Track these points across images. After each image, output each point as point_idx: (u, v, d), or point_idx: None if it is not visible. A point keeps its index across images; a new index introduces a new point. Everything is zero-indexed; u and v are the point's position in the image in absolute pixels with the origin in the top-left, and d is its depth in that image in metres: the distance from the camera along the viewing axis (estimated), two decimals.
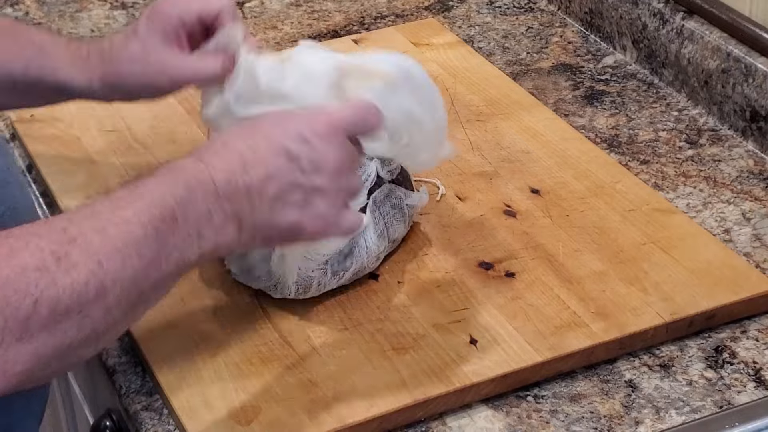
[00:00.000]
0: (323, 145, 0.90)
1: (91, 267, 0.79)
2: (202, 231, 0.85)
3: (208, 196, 0.86)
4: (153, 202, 0.84)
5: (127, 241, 0.81)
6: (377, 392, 0.96)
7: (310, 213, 0.90)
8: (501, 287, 1.07)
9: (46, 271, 0.77)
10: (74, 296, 0.78)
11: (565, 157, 1.23)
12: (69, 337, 0.78)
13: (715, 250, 1.11)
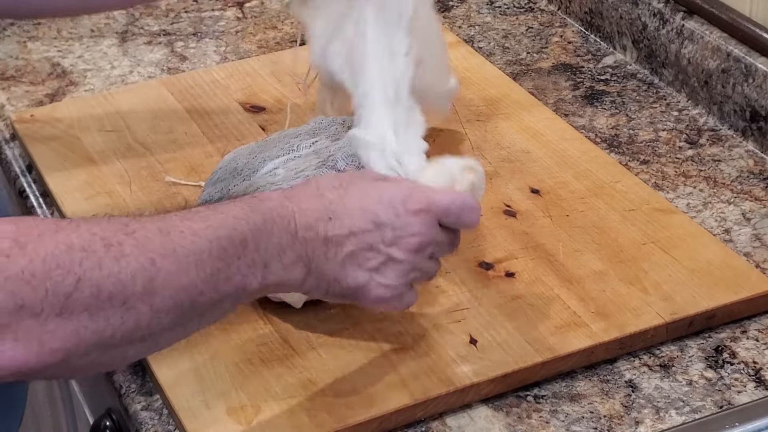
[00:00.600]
0: (411, 220, 0.91)
1: (142, 262, 0.78)
2: (269, 263, 0.86)
3: (285, 234, 0.87)
4: (226, 223, 0.84)
5: (188, 250, 0.81)
6: (377, 392, 0.96)
7: (378, 280, 0.91)
8: (501, 287, 1.07)
9: (92, 253, 0.76)
10: (119, 285, 0.77)
11: (565, 157, 1.23)
12: (111, 327, 0.77)
13: (715, 249, 1.11)
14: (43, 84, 1.42)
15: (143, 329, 0.80)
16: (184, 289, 0.81)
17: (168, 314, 0.80)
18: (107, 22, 1.55)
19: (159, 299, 0.79)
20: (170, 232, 0.81)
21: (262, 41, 1.50)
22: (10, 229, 0.75)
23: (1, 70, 1.44)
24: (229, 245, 0.83)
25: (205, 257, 0.82)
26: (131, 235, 0.79)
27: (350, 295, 0.92)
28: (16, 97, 1.39)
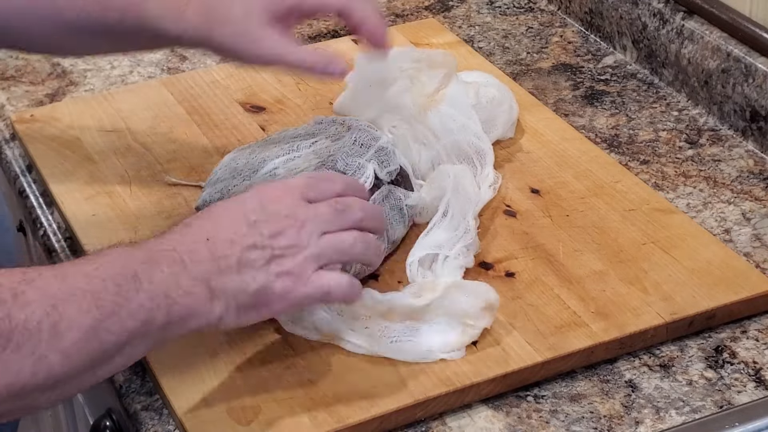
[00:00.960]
0: (275, 207, 0.92)
1: (45, 308, 0.80)
2: (169, 293, 0.86)
3: (172, 263, 0.87)
4: (115, 261, 0.85)
5: (85, 291, 0.82)
6: (377, 392, 0.96)
7: (275, 271, 0.91)
8: (501, 287, 1.06)
9: (2, 303, 0.78)
10: (26, 333, 0.78)
11: (565, 157, 1.23)
12: (23, 378, 0.79)
13: (715, 249, 1.11)
14: (43, 84, 1.42)
15: (57, 376, 0.80)
16: (91, 329, 0.81)
17: (78, 357, 0.81)
18: None
19: (67, 341, 0.80)
20: (66, 276, 0.82)
21: None
22: None
23: (1, 70, 1.44)
24: (123, 281, 0.84)
25: (103, 295, 0.83)
26: (32, 283, 0.80)
27: (261, 302, 0.91)
28: (16, 97, 1.39)
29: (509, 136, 1.26)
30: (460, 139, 1.19)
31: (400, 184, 1.10)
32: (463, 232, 1.08)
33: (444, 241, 1.07)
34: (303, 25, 1.53)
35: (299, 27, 1.53)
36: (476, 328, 1.00)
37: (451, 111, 1.20)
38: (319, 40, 1.49)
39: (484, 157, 1.18)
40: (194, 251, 0.89)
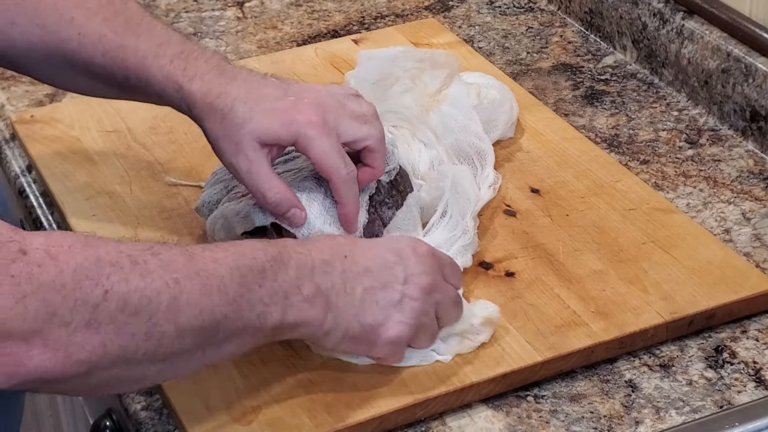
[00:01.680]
0: (420, 261, 0.95)
1: (166, 280, 0.80)
2: (289, 295, 0.88)
3: (302, 268, 0.89)
4: (245, 253, 0.86)
5: (210, 273, 0.83)
6: (377, 392, 0.96)
7: (395, 318, 0.93)
8: (501, 287, 1.07)
9: (119, 268, 0.78)
10: (144, 300, 0.79)
11: (565, 157, 1.23)
12: (136, 342, 0.79)
13: (715, 249, 1.11)
14: (43, 84, 1.41)
15: (166, 348, 0.81)
16: (209, 311, 0.82)
17: (192, 335, 0.82)
18: None
19: (183, 318, 0.81)
20: (193, 256, 0.83)
21: (262, 41, 1.50)
22: (41, 241, 0.77)
23: (1, 70, 1.44)
24: (249, 273, 0.85)
25: (227, 282, 0.84)
26: (156, 255, 0.81)
27: (367, 335, 0.93)
28: (16, 97, 1.39)
29: (509, 135, 1.26)
30: (460, 139, 1.19)
31: (399, 184, 1.10)
32: (461, 233, 1.08)
33: (442, 242, 1.07)
34: (303, 25, 1.53)
35: (298, 27, 1.53)
36: (475, 342, 1.00)
37: (452, 111, 1.20)
38: (319, 40, 1.49)
39: (484, 158, 1.18)
40: (328, 263, 0.91)
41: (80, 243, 0.78)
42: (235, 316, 0.85)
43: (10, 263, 0.74)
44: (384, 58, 1.24)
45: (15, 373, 0.75)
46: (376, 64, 1.24)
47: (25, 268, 0.75)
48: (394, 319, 0.93)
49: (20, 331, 0.74)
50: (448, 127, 1.19)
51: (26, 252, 0.75)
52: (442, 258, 0.98)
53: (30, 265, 0.75)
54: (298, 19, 1.55)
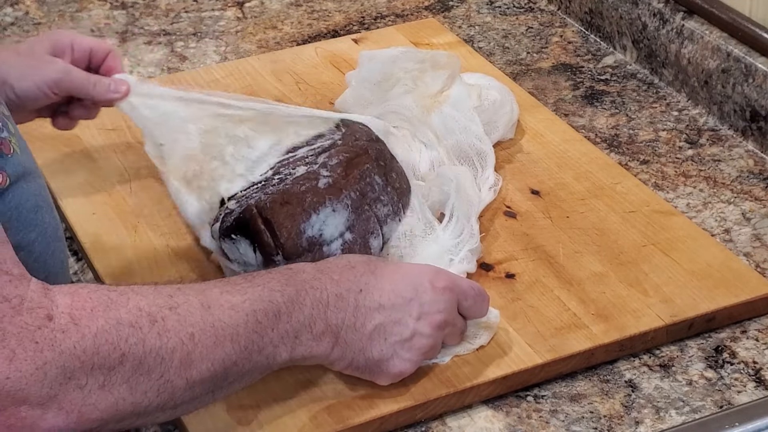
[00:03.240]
0: (438, 297, 0.95)
1: (182, 337, 0.82)
2: (300, 334, 0.89)
3: (317, 305, 0.90)
4: (263, 296, 0.87)
5: (226, 324, 0.84)
6: (377, 393, 0.96)
7: (402, 355, 0.94)
8: (501, 288, 1.07)
9: (138, 329, 0.80)
10: (158, 360, 0.81)
11: (566, 159, 1.23)
12: (148, 399, 0.81)
13: (715, 252, 1.11)
14: None
15: (177, 399, 0.83)
16: (220, 361, 0.84)
17: (201, 385, 0.84)
18: (107, 22, 1.55)
19: (195, 372, 0.83)
20: (211, 305, 0.84)
21: (262, 41, 1.50)
22: (66, 303, 0.78)
23: None
24: (264, 318, 0.87)
25: (241, 331, 0.85)
26: (175, 310, 0.83)
27: (371, 368, 0.94)
28: None
29: (509, 137, 1.26)
30: (461, 140, 1.19)
31: (395, 181, 1.10)
32: (468, 236, 1.08)
33: (451, 247, 1.07)
34: (303, 25, 1.53)
35: (298, 27, 1.53)
36: (474, 344, 1.00)
37: (453, 112, 1.20)
38: (319, 40, 1.49)
39: (485, 159, 1.18)
40: (342, 298, 0.92)
41: (103, 304, 0.79)
42: (246, 362, 0.86)
43: (35, 330, 0.76)
44: (385, 59, 1.24)
45: None
46: (377, 65, 1.24)
47: (50, 335, 0.76)
48: (400, 356, 0.95)
49: (37, 396, 0.76)
50: (448, 128, 1.19)
51: (52, 318, 0.77)
52: (465, 291, 0.98)
53: (54, 332, 0.77)
54: (298, 19, 1.55)
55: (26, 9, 1.59)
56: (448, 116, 1.20)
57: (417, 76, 1.22)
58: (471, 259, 1.07)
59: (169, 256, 1.09)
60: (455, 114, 1.20)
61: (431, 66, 1.24)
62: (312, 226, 1.02)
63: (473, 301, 0.98)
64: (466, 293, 0.97)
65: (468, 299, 0.98)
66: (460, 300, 0.97)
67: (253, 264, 1.04)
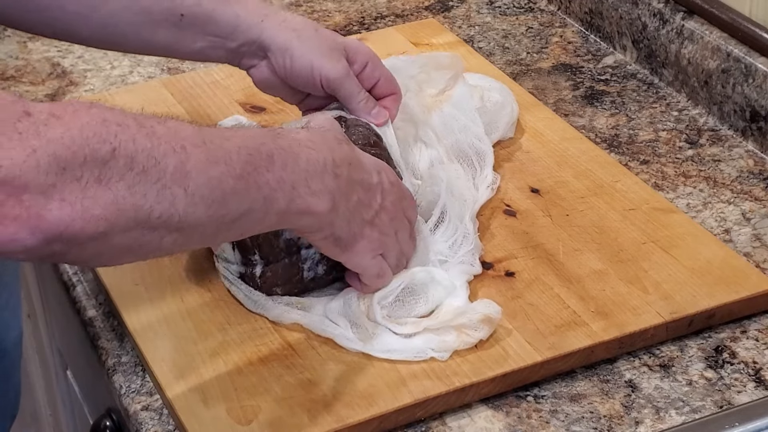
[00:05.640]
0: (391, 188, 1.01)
1: (173, 145, 0.81)
2: (297, 186, 0.89)
3: (314, 163, 0.91)
4: (255, 137, 0.88)
5: (218, 146, 0.84)
6: (377, 391, 0.96)
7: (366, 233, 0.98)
8: (501, 287, 1.07)
9: (126, 127, 0.79)
10: (151, 161, 0.79)
11: (565, 157, 1.23)
12: (148, 203, 0.79)
13: (715, 249, 1.11)
14: (43, 84, 1.42)
15: (179, 215, 0.81)
16: (216, 180, 0.83)
17: (202, 204, 0.82)
18: None
19: (192, 184, 0.81)
20: (202, 130, 0.84)
21: None
22: (45, 107, 0.77)
23: (1, 70, 1.44)
24: (256, 155, 0.87)
25: (234, 158, 0.85)
26: (164, 123, 0.82)
27: (347, 242, 0.97)
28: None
29: (509, 136, 1.26)
30: (460, 139, 1.19)
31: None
32: (462, 237, 1.08)
33: (445, 248, 1.07)
34: None
35: None
36: (472, 338, 1.00)
37: (453, 112, 1.20)
38: None
39: (483, 159, 1.18)
40: (338, 166, 0.94)
41: (85, 106, 0.78)
42: (243, 193, 0.85)
43: (15, 121, 0.74)
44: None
45: (38, 228, 0.75)
46: None
47: (32, 126, 0.75)
48: (366, 233, 0.98)
49: (37, 183, 0.74)
50: (448, 127, 1.19)
51: (31, 113, 0.75)
52: (404, 191, 1.04)
53: (36, 124, 0.75)
54: None
55: None
56: (448, 115, 1.20)
57: (423, 79, 1.22)
58: (473, 260, 1.07)
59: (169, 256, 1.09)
60: (456, 113, 1.20)
61: (434, 67, 1.24)
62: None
63: (408, 202, 1.04)
64: (408, 196, 1.04)
65: (405, 199, 1.03)
66: (402, 201, 1.02)
67: (232, 261, 1.05)
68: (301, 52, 1.09)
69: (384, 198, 1.00)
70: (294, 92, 1.13)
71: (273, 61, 1.10)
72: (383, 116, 1.11)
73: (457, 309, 1.01)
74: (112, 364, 1.04)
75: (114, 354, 1.05)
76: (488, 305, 1.01)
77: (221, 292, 1.07)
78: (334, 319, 1.02)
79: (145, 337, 1.03)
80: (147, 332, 1.03)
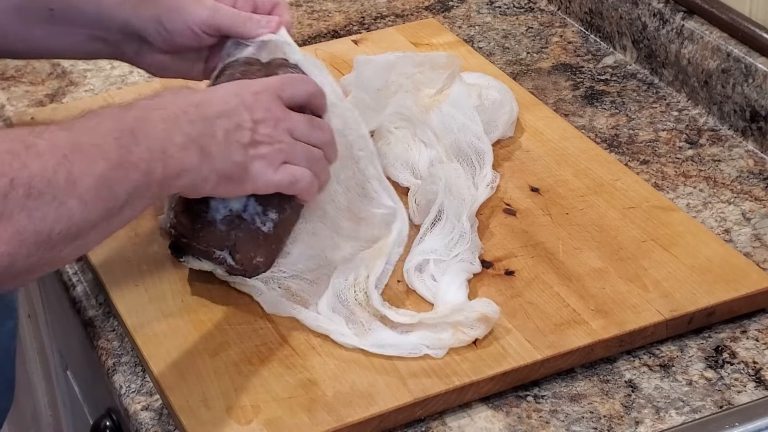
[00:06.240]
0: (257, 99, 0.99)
1: (57, 157, 0.83)
2: (165, 148, 0.91)
3: (166, 119, 0.92)
4: (112, 117, 0.89)
5: (90, 144, 0.86)
6: (377, 391, 0.96)
7: (253, 154, 0.97)
8: (500, 286, 1.07)
9: (16, 155, 0.81)
10: (44, 181, 0.81)
11: (565, 156, 1.23)
12: (48, 225, 0.81)
13: (714, 247, 1.10)
14: (43, 84, 1.42)
15: (77, 225, 0.84)
16: (101, 178, 0.85)
17: (94, 205, 0.85)
18: None
19: (83, 188, 0.84)
20: (72, 128, 0.86)
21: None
22: None
23: (1, 70, 1.44)
24: (122, 135, 0.88)
25: (107, 148, 0.87)
26: (40, 136, 0.84)
27: (240, 174, 0.97)
28: (16, 97, 1.39)
29: (509, 135, 1.26)
30: (459, 138, 1.19)
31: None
32: (458, 236, 1.08)
33: (440, 247, 1.07)
34: (303, 25, 1.53)
35: (298, 27, 1.53)
36: (468, 336, 1.00)
37: (452, 111, 1.20)
38: (320, 40, 1.49)
39: (483, 158, 1.18)
40: (187, 112, 0.94)
41: None
42: (125, 179, 0.87)
43: None
44: (382, 65, 1.24)
45: None
46: (375, 71, 1.23)
47: None
48: (251, 155, 0.97)
49: None
50: (447, 126, 1.19)
51: None
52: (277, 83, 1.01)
53: None
54: (298, 19, 1.55)
55: None
56: (447, 115, 1.20)
57: (419, 79, 1.23)
58: (472, 258, 1.07)
59: (169, 256, 1.09)
60: (454, 113, 1.20)
61: (430, 68, 1.24)
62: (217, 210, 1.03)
63: (291, 87, 1.02)
64: (280, 84, 1.02)
65: (285, 89, 1.02)
66: (280, 94, 1.01)
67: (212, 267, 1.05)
68: (168, 15, 1.09)
69: (253, 112, 0.98)
70: (190, 62, 1.14)
71: (151, 38, 1.11)
72: (274, 22, 1.10)
73: (455, 306, 1.01)
74: (112, 364, 1.04)
75: (114, 354, 1.05)
76: (487, 304, 1.01)
77: (221, 292, 1.07)
78: (328, 315, 1.02)
79: (145, 337, 1.03)
80: (147, 332, 1.03)
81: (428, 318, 1.00)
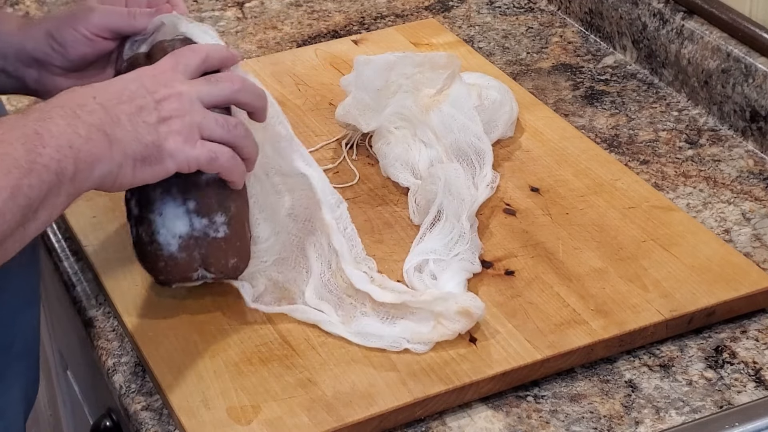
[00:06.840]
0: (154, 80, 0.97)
1: None
2: (72, 143, 0.89)
3: (65, 116, 0.91)
4: (14, 125, 0.88)
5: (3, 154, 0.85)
6: (377, 391, 0.96)
7: (165, 130, 0.95)
8: (500, 285, 1.07)
9: None
10: None
11: (565, 155, 1.23)
12: None
13: (714, 247, 1.10)
14: None
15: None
16: (16, 188, 0.85)
17: (11, 216, 0.84)
18: None
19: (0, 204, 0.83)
20: None
21: (262, 41, 1.50)
22: None
23: None
24: (28, 140, 0.87)
25: (17, 155, 0.86)
26: None
27: (155, 154, 0.94)
28: (15, 96, 1.39)
29: (509, 135, 1.26)
30: (459, 138, 1.19)
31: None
32: (458, 236, 1.08)
33: (440, 247, 1.07)
34: (303, 25, 1.53)
35: (298, 27, 1.53)
36: (449, 330, 1.00)
37: (452, 111, 1.20)
38: (320, 40, 1.49)
39: (483, 158, 1.19)
40: (84, 105, 0.92)
41: None
42: (38, 183, 0.87)
43: None
44: (382, 65, 1.24)
45: None
46: (374, 72, 1.23)
47: None
48: (164, 131, 0.95)
49: None
50: (447, 126, 1.19)
51: None
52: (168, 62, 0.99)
53: None
54: (298, 19, 1.55)
55: (26, 9, 1.59)
56: (446, 115, 1.20)
57: (419, 80, 1.23)
58: (472, 258, 1.07)
59: None
60: (454, 113, 1.20)
61: (430, 68, 1.24)
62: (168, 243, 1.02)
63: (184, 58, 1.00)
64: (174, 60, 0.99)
65: (180, 61, 0.99)
66: (175, 68, 0.98)
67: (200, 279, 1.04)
68: (58, 27, 1.08)
69: (154, 90, 0.96)
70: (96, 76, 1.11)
71: (48, 58, 1.09)
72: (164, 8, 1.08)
73: (440, 294, 1.01)
74: (112, 364, 1.04)
75: (114, 354, 1.05)
76: (471, 299, 1.01)
77: (221, 292, 1.07)
78: (316, 305, 1.02)
79: (145, 337, 1.03)
80: (147, 332, 1.03)
81: (411, 300, 1.00)
